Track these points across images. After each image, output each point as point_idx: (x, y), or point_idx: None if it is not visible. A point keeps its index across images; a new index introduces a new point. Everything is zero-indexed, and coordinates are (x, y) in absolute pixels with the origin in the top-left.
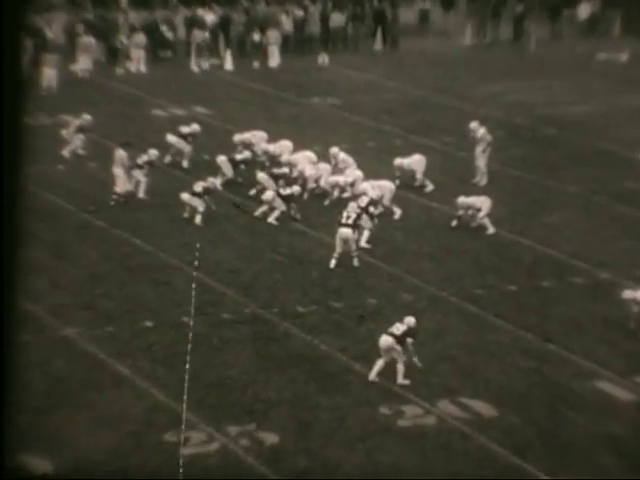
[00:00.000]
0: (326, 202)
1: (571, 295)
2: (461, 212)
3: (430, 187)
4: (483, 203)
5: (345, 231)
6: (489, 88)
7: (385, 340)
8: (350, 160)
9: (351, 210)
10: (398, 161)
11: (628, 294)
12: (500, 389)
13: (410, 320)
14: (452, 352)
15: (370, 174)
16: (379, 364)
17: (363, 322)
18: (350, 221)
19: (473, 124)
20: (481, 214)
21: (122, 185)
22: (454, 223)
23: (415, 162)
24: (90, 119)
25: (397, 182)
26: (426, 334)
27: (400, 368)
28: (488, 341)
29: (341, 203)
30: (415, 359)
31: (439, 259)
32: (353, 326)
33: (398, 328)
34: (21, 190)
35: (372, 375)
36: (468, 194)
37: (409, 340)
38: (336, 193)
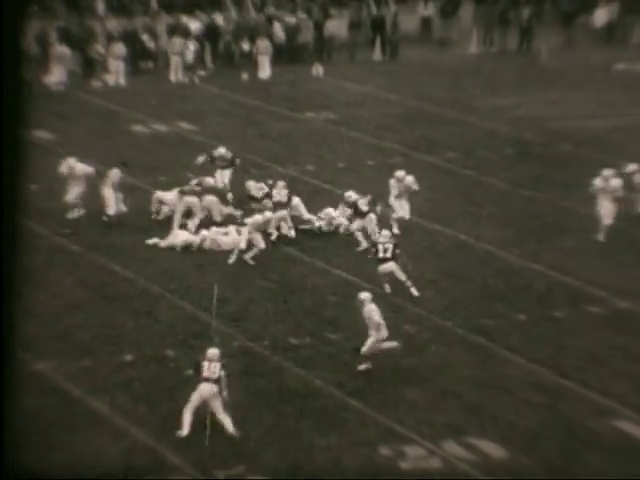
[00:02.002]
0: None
1: (587, 325)
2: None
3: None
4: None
5: (389, 265)
6: (496, 101)
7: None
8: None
9: (384, 240)
10: (400, 174)
11: None
12: (510, 428)
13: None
14: (457, 387)
15: (371, 194)
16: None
17: (360, 356)
18: (389, 254)
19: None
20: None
21: (113, 206)
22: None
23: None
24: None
25: (379, 209)
26: (430, 368)
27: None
28: (497, 375)
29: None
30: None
31: (443, 286)
32: (350, 360)
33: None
34: None
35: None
36: (470, 214)
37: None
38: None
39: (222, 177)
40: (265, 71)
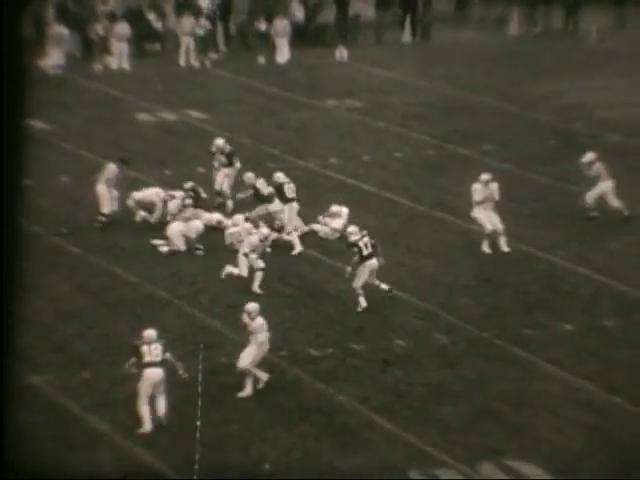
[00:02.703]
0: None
1: (638, 336)
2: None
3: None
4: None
5: (374, 262)
6: (540, 87)
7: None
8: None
9: (358, 237)
10: (485, 177)
11: None
12: (553, 450)
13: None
14: (495, 405)
15: (398, 190)
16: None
17: (388, 368)
18: (370, 249)
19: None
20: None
21: (108, 205)
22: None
23: None
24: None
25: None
26: (464, 383)
27: None
28: (538, 392)
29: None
30: None
31: (479, 293)
32: (376, 373)
33: None
34: None
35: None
36: (509, 213)
37: None
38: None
39: (222, 180)
40: (283, 54)
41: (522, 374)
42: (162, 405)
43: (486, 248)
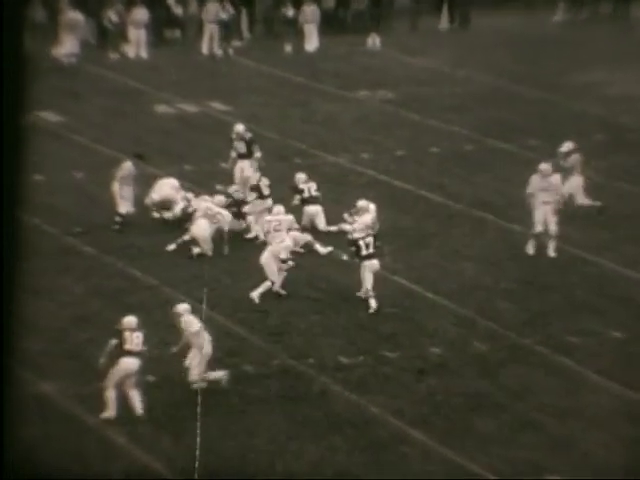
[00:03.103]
0: None
1: None
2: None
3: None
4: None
5: (374, 263)
6: (586, 77)
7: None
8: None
9: (361, 235)
10: (546, 167)
11: None
12: (602, 465)
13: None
14: (539, 417)
15: (434, 188)
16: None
17: (423, 378)
18: (371, 249)
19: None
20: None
21: (125, 205)
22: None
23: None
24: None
25: None
26: (504, 394)
27: None
28: (586, 404)
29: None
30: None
31: (521, 297)
32: (410, 382)
33: None
34: None
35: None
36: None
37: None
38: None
39: (240, 174)
40: (312, 42)
41: (567, 384)
42: (137, 401)
43: (530, 249)
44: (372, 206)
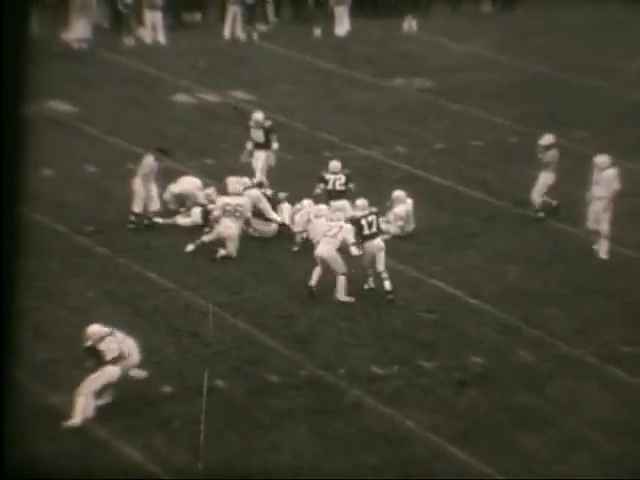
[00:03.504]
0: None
1: None
2: None
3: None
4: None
5: (378, 242)
6: (638, 63)
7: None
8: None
9: (364, 213)
10: (603, 160)
11: None
12: None
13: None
14: (590, 434)
15: (476, 184)
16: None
17: (464, 390)
18: (374, 228)
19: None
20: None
21: (140, 203)
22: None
23: None
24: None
25: None
26: (553, 408)
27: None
28: None
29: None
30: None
31: (570, 302)
32: (449, 395)
33: None
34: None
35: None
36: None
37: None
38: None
39: (257, 165)
40: (343, 25)
41: (621, 398)
42: (100, 403)
43: (602, 253)
44: (409, 200)
